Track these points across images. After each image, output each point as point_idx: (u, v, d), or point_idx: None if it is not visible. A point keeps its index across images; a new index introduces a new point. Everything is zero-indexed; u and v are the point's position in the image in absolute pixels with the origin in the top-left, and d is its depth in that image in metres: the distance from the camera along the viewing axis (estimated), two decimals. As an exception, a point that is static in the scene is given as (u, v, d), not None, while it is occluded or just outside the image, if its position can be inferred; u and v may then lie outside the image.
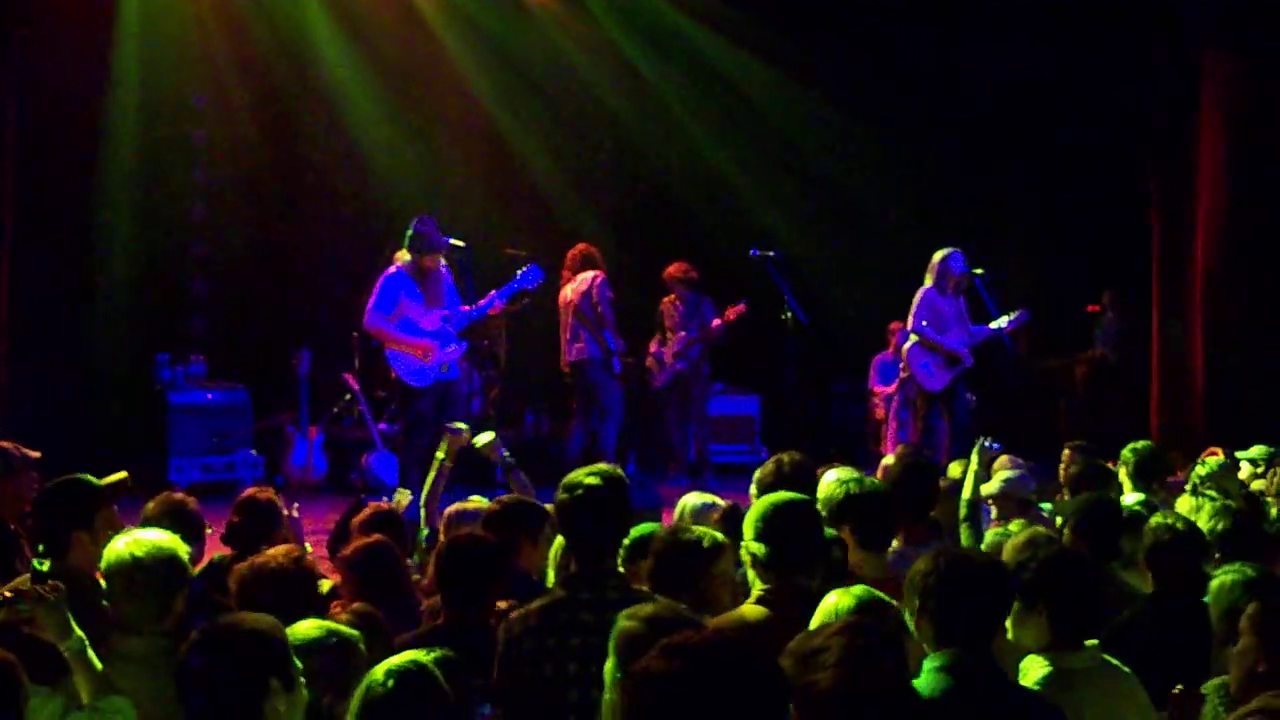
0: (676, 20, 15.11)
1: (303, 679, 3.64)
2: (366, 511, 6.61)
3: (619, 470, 4.90)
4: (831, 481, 6.21)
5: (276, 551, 4.97)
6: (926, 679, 3.75)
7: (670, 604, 4.06)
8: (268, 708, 3.50)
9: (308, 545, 6.43)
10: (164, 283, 13.87)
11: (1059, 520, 6.49)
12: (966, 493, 7.17)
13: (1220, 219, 13.89)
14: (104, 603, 4.82)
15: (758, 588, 4.72)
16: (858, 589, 4.18)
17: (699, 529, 5.11)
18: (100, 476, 5.78)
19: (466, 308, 10.14)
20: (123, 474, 6.20)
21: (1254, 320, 13.67)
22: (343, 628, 4.06)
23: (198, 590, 5.25)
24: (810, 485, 6.34)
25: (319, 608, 4.91)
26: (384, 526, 6.21)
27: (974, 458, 7.30)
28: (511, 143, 15.19)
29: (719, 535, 5.07)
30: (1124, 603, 5.41)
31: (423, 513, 7.47)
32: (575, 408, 11.96)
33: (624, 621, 3.82)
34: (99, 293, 13.05)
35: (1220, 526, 5.92)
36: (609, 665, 3.81)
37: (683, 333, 12.90)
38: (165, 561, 4.68)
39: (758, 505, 4.84)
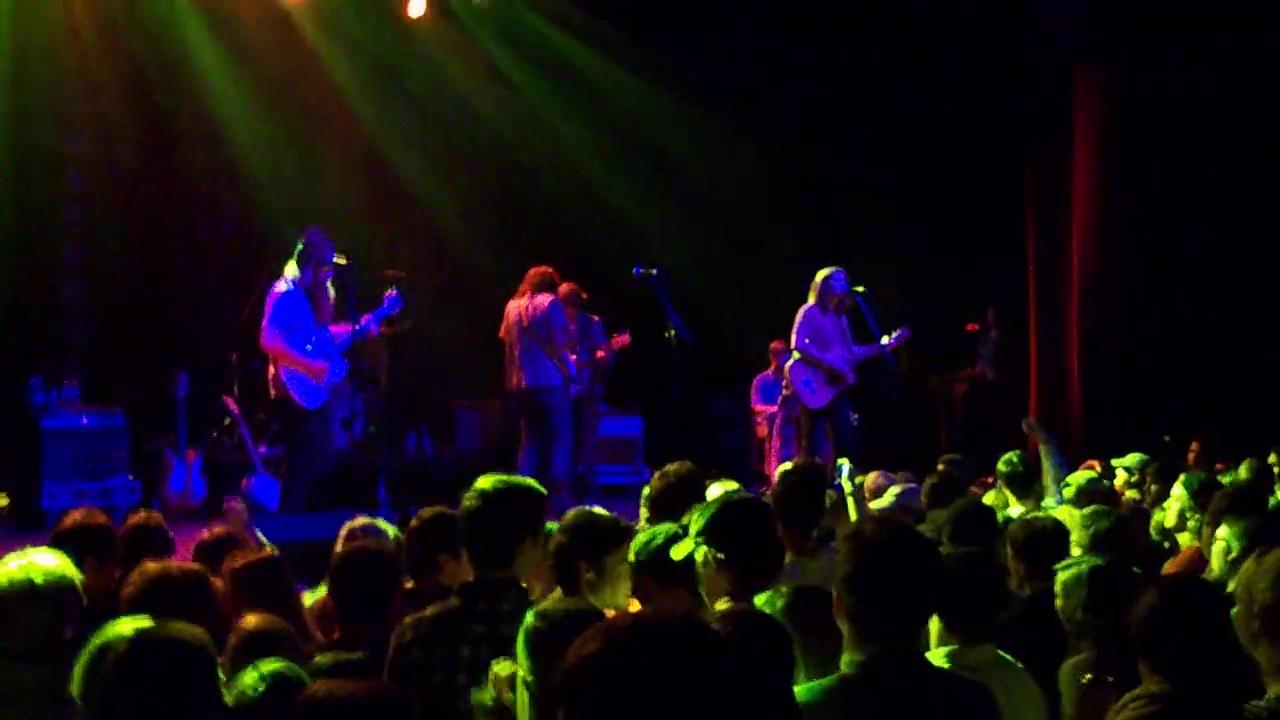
0: (555, 38, 15.19)
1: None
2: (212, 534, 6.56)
3: (529, 480, 4.84)
4: (717, 495, 6.10)
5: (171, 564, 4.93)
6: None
7: (576, 602, 3.98)
8: None
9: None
10: (36, 304, 13.58)
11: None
12: (853, 512, 7.19)
13: (1094, 232, 14.24)
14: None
15: (721, 601, 4.48)
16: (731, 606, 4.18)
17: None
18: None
19: (347, 327, 10.01)
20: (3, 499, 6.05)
21: (1130, 330, 13.98)
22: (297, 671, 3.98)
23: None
24: (699, 494, 6.29)
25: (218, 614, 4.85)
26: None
27: (845, 483, 7.33)
28: (392, 160, 15.16)
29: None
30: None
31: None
32: (525, 429, 11.62)
33: (533, 621, 3.74)
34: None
35: (1101, 527, 6.15)
36: (520, 667, 3.72)
37: (573, 356, 12.83)
38: (62, 587, 4.54)
39: (705, 509, 4.76)
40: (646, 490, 7.19)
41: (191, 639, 3.48)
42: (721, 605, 4.40)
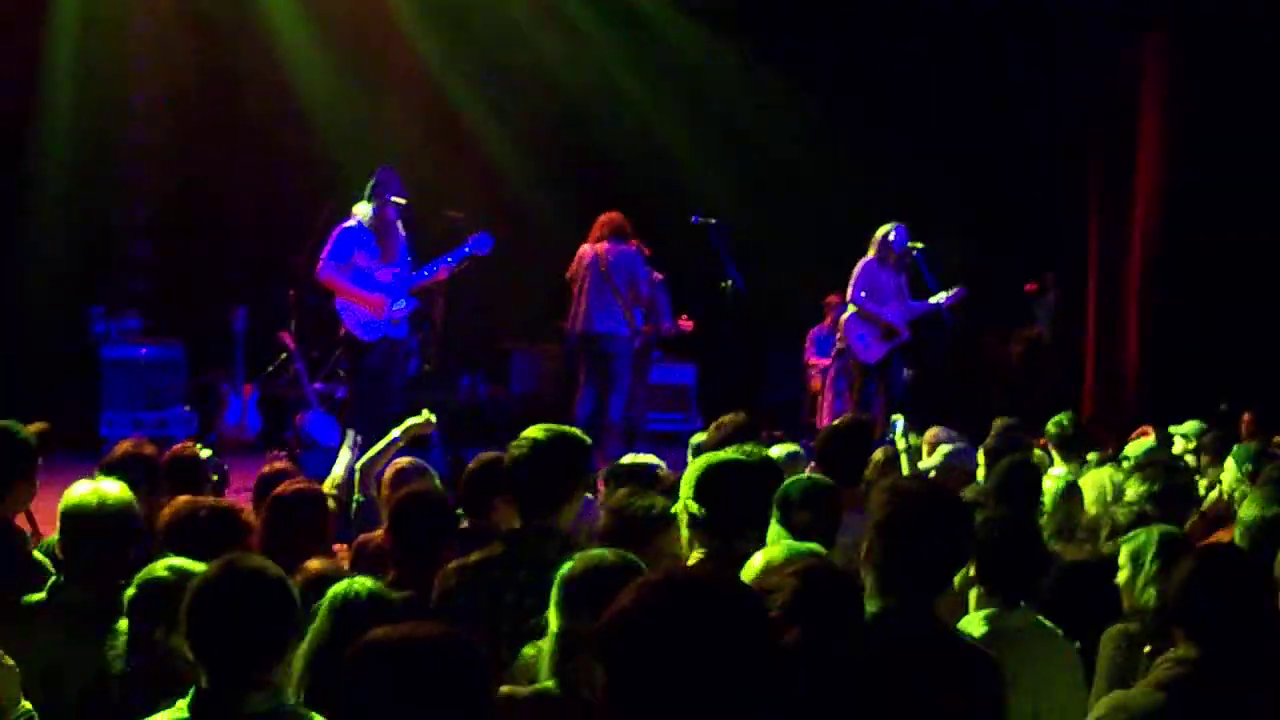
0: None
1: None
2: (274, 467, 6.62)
3: (577, 431, 4.87)
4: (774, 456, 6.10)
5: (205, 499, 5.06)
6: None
7: (617, 552, 3.94)
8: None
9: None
10: (100, 236, 13.77)
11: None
12: (905, 470, 7.23)
13: (1158, 197, 14.10)
14: (35, 554, 4.89)
15: (696, 552, 4.51)
16: (780, 547, 4.22)
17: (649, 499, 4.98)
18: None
19: (416, 269, 9.99)
20: (42, 424, 6.14)
21: (1190, 297, 13.87)
22: (188, 564, 4.11)
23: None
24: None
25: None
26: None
27: (899, 439, 7.40)
28: (455, 103, 15.17)
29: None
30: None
31: (357, 477, 7.32)
32: (584, 373, 11.57)
33: (570, 567, 3.79)
34: (31, 246, 12.93)
35: (1156, 487, 6.12)
36: (552, 615, 3.77)
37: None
38: (126, 510, 4.66)
39: (696, 465, 4.68)
40: (696, 439, 7.21)
41: (275, 573, 3.55)
42: (696, 556, 4.46)
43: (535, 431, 4.69)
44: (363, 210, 9.64)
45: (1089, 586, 5.22)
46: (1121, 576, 4.82)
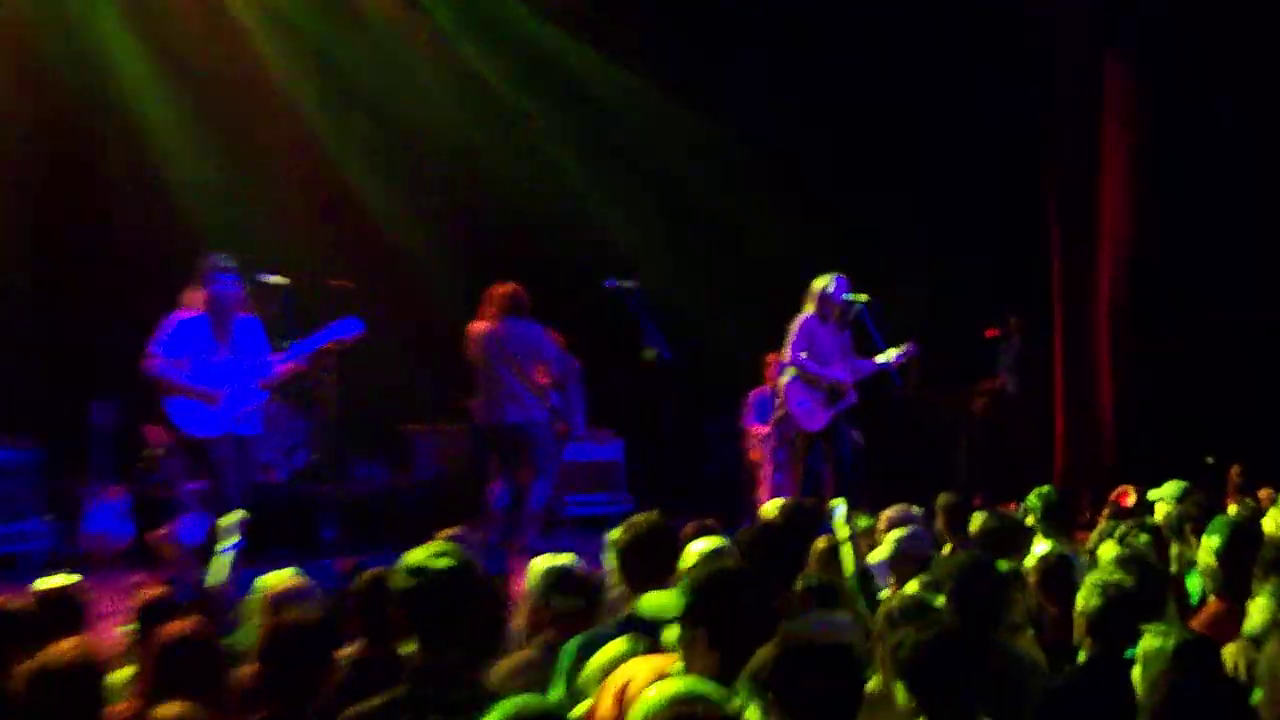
0: (529, 25, 15.22)
1: None
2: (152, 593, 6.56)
3: (463, 550, 4.82)
4: (695, 552, 6.13)
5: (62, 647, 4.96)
6: None
7: (540, 700, 4.01)
8: None
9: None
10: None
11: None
12: (849, 563, 7.15)
13: (1126, 228, 14.13)
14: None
15: None
16: (680, 682, 4.18)
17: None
18: None
19: (274, 356, 9.85)
20: None
21: (1168, 337, 13.90)
22: None
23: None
24: (670, 550, 6.22)
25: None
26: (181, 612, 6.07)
27: (840, 527, 7.32)
28: (337, 160, 15.12)
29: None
30: (1015, 673, 5.45)
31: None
32: (499, 462, 11.48)
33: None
34: None
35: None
36: None
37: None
38: None
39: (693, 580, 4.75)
40: (613, 535, 7.17)
41: None
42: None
43: (430, 559, 4.65)
44: (196, 296, 9.61)
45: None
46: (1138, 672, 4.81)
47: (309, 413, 13.28)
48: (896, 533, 7.79)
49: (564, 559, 6.72)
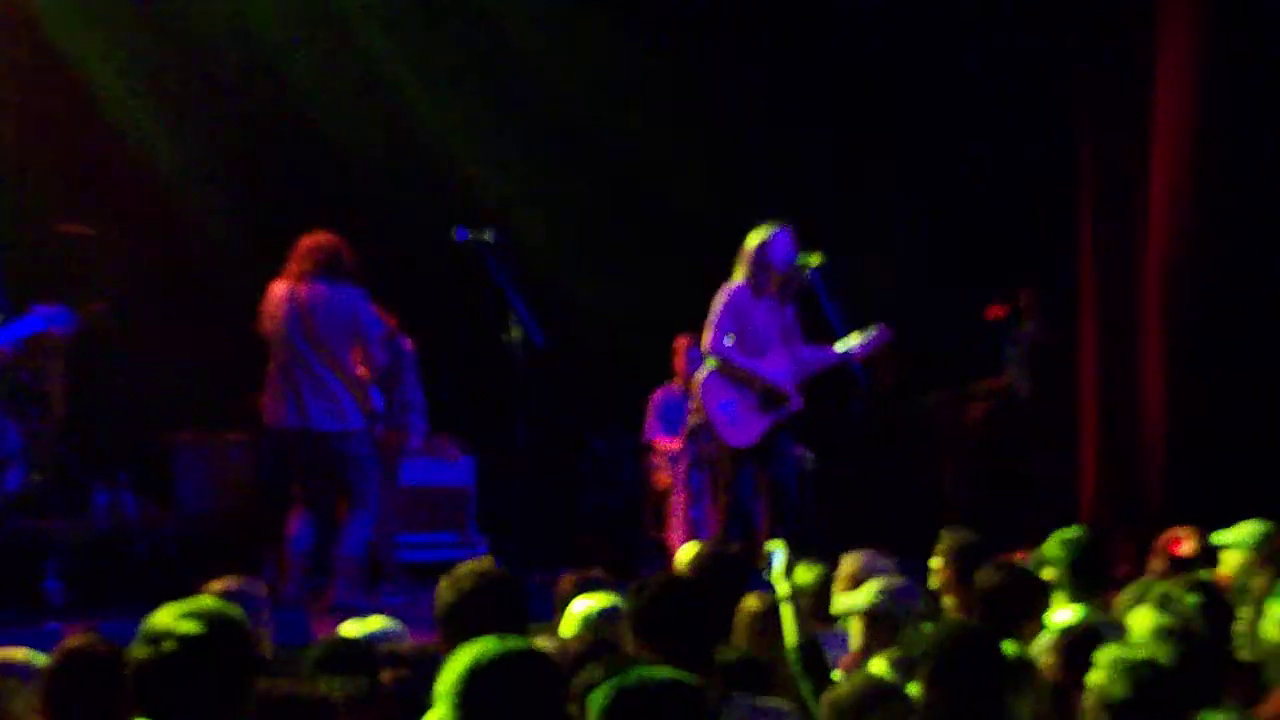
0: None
1: None
2: None
3: (229, 607, 4.87)
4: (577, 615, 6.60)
5: None
6: None
7: None
8: None
9: None
10: None
11: None
12: (790, 631, 7.09)
13: (1187, 178, 13.95)
14: None
15: None
16: None
17: None
18: None
19: None
20: None
21: (1243, 324, 13.70)
22: None
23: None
24: (514, 610, 6.33)
25: None
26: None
27: (778, 581, 7.24)
28: (80, 62, 14.82)
29: None
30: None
31: None
32: (299, 486, 11.70)
33: None
34: None
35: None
36: None
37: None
38: None
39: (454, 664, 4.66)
40: (443, 593, 7.07)
41: None
42: None
43: (174, 620, 4.67)
44: None
45: None
46: None
47: (24, 415, 12.86)
48: (879, 581, 7.86)
49: (375, 624, 7.06)
